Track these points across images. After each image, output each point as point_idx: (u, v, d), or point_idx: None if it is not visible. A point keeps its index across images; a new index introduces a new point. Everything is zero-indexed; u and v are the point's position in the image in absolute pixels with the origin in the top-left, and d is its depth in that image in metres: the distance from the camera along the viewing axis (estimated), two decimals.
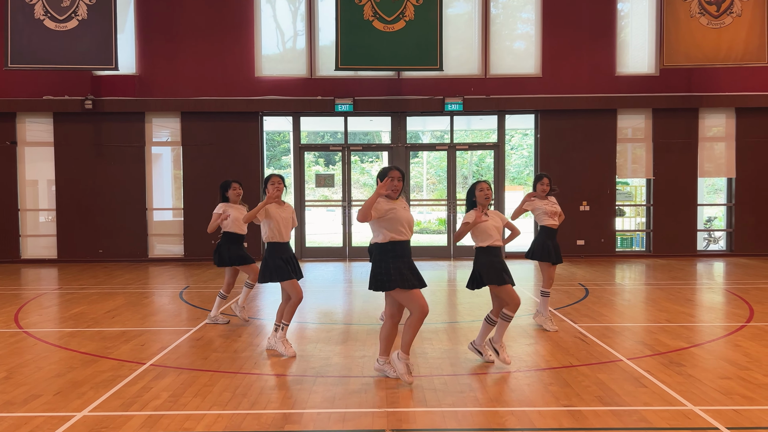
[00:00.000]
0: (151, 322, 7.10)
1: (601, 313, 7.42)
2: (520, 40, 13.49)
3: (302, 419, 4.06)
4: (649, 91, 12.98)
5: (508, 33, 13.46)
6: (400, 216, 4.64)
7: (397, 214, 4.63)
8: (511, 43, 13.46)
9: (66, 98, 12.86)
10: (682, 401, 4.30)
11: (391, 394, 4.52)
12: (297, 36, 13.41)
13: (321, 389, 4.65)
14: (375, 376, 4.98)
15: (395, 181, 4.64)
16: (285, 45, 13.52)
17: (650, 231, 13.33)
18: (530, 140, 27.43)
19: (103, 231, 13.06)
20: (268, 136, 19.87)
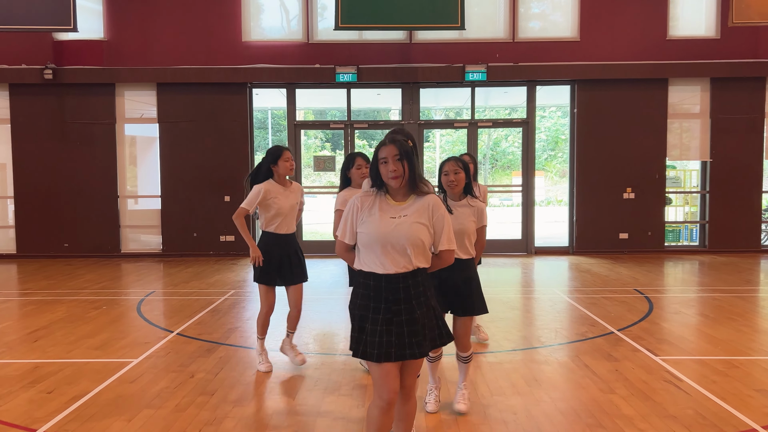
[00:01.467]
0: (81, 350, 5.29)
1: (684, 338, 5.55)
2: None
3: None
4: (708, 57, 10.97)
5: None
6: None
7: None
8: (544, 0, 11.46)
9: (23, 67, 11.03)
10: None
11: None
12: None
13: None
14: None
15: (390, 164, 2.75)
16: (277, 3, 11.59)
17: (705, 222, 11.38)
18: (548, 123, 25.41)
19: (69, 222, 11.29)
20: (273, 119, 18.06)
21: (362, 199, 2.79)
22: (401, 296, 2.71)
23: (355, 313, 2.79)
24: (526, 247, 11.35)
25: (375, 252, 2.71)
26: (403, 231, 2.68)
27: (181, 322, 6.23)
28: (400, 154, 2.71)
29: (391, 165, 2.70)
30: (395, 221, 2.70)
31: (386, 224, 2.70)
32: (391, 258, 2.69)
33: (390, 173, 2.70)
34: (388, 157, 2.71)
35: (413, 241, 2.68)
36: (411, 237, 2.67)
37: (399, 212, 2.73)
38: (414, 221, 2.71)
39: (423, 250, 2.74)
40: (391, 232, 2.68)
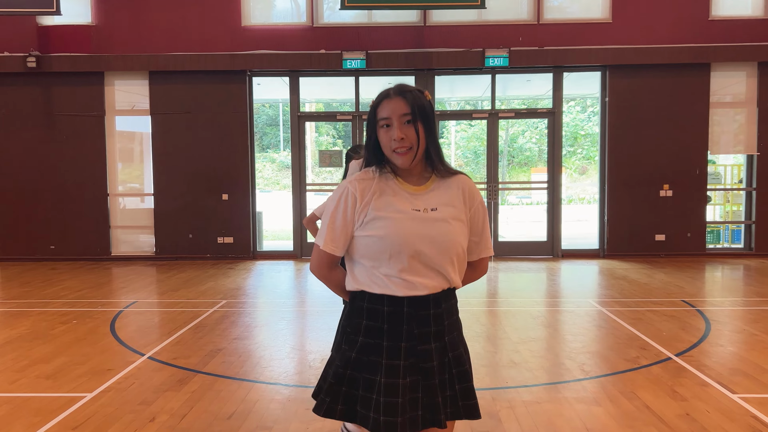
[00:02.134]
0: (30, 380, 4.39)
1: (760, 366, 4.54)
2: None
3: None
4: (755, 39, 9.87)
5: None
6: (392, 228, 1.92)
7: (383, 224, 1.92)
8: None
9: (5, 55, 10.20)
10: None
11: None
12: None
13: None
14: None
15: (395, 130, 1.80)
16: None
17: (752, 223, 10.29)
18: (567, 117, 24.25)
19: (56, 222, 10.45)
20: (283, 109, 17.17)
21: (359, 186, 1.84)
22: (431, 329, 1.81)
23: (351, 357, 1.84)
24: (552, 249, 10.33)
25: (394, 265, 1.78)
26: (442, 230, 1.76)
27: (157, 342, 5.32)
28: (413, 113, 1.75)
29: (397, 131, 1.74)
30: (422, 216, 1.78)
31: (412, 221, 1.77)
32: (421, 272, 1.77)
33: (395, 143, 1.75)
34: (392, 117, 1.75)
35: (455, 247, 1.79)
36: (453, 240, 1.78)
37: (423, 203, 1.80)
38: (449, 216, 1.79)
39: (463, 259, 1.85)
40: (424, 232, 1.76)
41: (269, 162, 27.09)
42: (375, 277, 1.80)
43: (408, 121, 1.78)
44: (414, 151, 1.79)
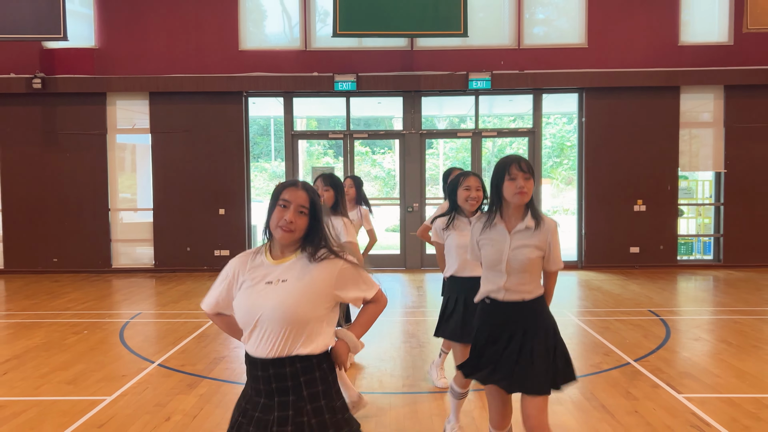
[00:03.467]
0: (52, 386, 4.87)
1: (707, 370, 5.09)
2: (561, 2, 11.09)
3: None
4: (721, 63, 10.53)
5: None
6: (242, 300, 2.17)
7: (240, 298, 2.17)
8: (549, 6, 11.05)
9: (11, 77, 10.67)
10: None
11: None
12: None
13: None
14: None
15: (289, 213, 2.10)
16: (274, 10, 11.22)
17: (720, 236, 10.92)
18: (553, 129, 24.97)
19: (59, 236, 10.90)
20: (275, 126, 17.71)
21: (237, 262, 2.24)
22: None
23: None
24: None
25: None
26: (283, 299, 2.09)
27: (164, 350, 5.81)
28: (310, 207, 2.15)
29: (291, 214, 2.12)
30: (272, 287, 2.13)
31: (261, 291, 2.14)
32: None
33: (284, 222, 2.12)
34: (292, 202, 2.13)
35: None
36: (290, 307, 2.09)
37: (278, 275, 2.15)
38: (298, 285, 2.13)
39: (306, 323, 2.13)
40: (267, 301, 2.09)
41: (260, 171, 27.56)
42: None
43: (301, 212, 2.12)
44: (294, 235, 2.11)
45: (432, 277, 10.30)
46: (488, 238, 2.81)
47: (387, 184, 19.11)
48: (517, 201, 2.72)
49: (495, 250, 2.77)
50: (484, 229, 2.84)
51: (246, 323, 2.10)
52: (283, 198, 2.12)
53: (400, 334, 6.53)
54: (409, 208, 11.07)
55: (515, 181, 2.71)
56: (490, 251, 2.79)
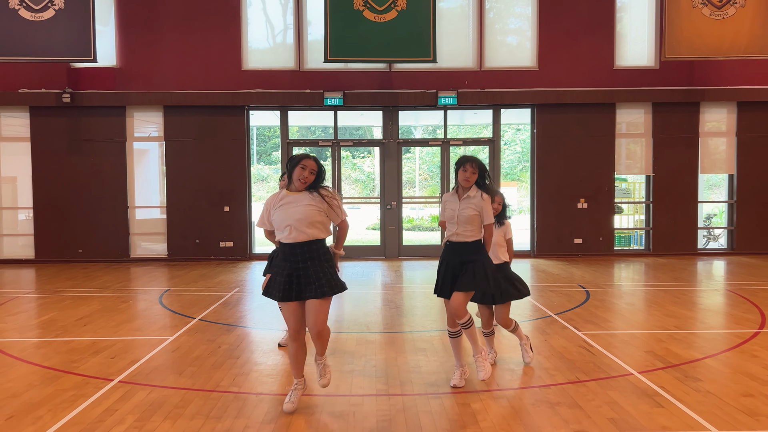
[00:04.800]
0: (125, 331, 6.61)
1: (606, 319, 7.01)
2: (515, 31, 13.04)
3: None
4: (649, 84, 12.57)
5: (503, 24, 13.01)
6: (279, 215, 4.07)
7: (278, 213, 4.08)
8: (506, 34, 13.01)
9: (43, 92, 12.29)
10: (705, 425, 3.88)
11: (382, 417, 4.08)
12: (285, 27, 12.89)
13: (304, 411, 4.20)
14: (363, 394, 4.53)
15: (305, 173, 4.06)
16: (272, 36, 13.00)
17: (649, 229, 12.95)
18: (523, 135, 27.04)
19: (83, 230, 12.52)
20: (258, 131, 19.43)
21: (275, 197, 4.25)
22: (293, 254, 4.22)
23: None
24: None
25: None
26: (303, 211, 4.12)
27: (200, 311, 7.56)
28: (317, 172, 4.12)
29: (307, 173, 4.07)
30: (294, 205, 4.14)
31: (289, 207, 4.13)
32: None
33: (302, 177, 4.07)
34: (307, 167, 4.08)
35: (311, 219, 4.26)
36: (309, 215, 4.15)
37: (295, 199, 4.19)
38: (309, 204, 4.14)
39: (320, 223, 4.15)
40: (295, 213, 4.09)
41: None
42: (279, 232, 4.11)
43: (311, 173, 4.07)
44: (305, 185, 4.05)
45: (408, 264, 12.15)
46: (448, 203, 4.65)
47: (366, 186, 20.91)
48: (464, 184, 4.56)
49: (450, 210, 4.60)
50: (448, 198, 4.67)
51: (282, 227, 4.05)
52: (303, 163, 4.05)
53: (381, 300, 8.37)
54: (389, 206, 12.91)
55: (465, 172, 4.54)
56: (449, 211, 4.62)
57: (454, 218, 4.55)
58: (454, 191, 4.68)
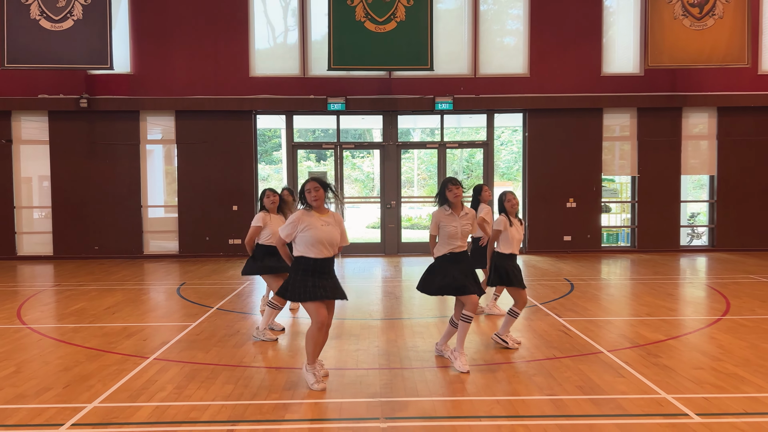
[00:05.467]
0: (151, 318, 7.33)
1: (585, 308, 7.73)
2: (508, 40, 13.76)
3: (301, 409, 4.33)
4: (634, 90, 13.30)
5: (497, 31, 13.73)
6: (314, 234, 4.61)
7: (311, 233, 4.61)
8: (499, 43, 13.73)
9: (61, 97, 12.99)
10: (657, 390, 4.61)
11: (385, 385, 4.79)
12: (290, 36, 13.60)
13: None
14: (368, 368, 5.25)
15: (312, 193, 4.68)
16: (278, 45, 13.71)
17: (635, 227, 13.69)
18: (519, 136, 27.88)
19: (99, 228, 13.23)
20: (259, 132, 20.16)
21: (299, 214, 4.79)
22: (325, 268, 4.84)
23: (296, 277, 4.73)
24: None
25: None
26: (330, 232, 4.71)
27: (217, 301, 8.27)
28: (323, 187, 4.72)
29: (314, 193, 4.69)
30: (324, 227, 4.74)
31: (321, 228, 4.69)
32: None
33: (313, 198, 4.70)
34: (311, 188, 4.69)
35: (335, 239, 4.84)
36: (334, 236, 4.92)
37: (323, 221, 4.93)
38: (333, 225, 4.76)
39: (338, 243, 4.91)
40: (324, 234, 4.87)
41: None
42: (307, 250, 4.68)
43: (316, 189, 4.68)
44: (322, 202, 4.71)
45: (406, 260, 12.88)
46: (448, 220, 5.25)
47: (366, 186, 21.61)
48: (454, 201, 5.24)
49: (453, 227, 5.24)
50: (444, 216, 5.28)
51: (314, 244, 4.65)
52: (307, 188, 4.72)
53: (382, 292, 9.11)
54: (388, 205, 13.63)
55: (452, 191, 5.23)
56: (451, 228, 5.25)
57: (458, 234, 5.19)
58: (449, 211, 5.22)
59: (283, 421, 4.11)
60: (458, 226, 5.18)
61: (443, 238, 5.24)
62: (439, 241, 5.30)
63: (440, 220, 5.25)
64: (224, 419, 4.12)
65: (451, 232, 5.19)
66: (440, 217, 5.25)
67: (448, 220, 5.22)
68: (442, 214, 5.25)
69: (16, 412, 4.29)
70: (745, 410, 4.20)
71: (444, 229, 5.22)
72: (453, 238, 5.20)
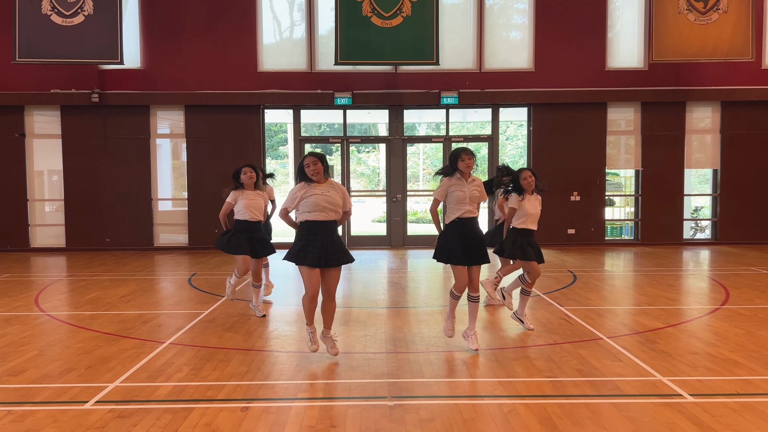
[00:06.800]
0: (165, 306, 7.56)
1: (587, 298, 7.92)
2: (513, 35, 13.90)
3: (312, 389, 4.54)
4: (638, 84, 13.42)
5: (502, 26, 13.87)
6: (314, 200, 4.98)
7: (312, 199, 4.99)
8: (505, 37, 13.87)
9: (73, 92, 13.23)
10: (653, 372, 4.80)
11: (392, 368, 5.00)
12: (297, 31, 13.79)
13: (327, 364, 5.13)
14: (375, 351, 5.47)
15: (311, 167, 5.01)
16: (286, 40, 13.90)
17: (638, 220, 13.84)
18: (524, 130, 28.01)
19: (110, 220, 13.49)
20: (266, 127, 20.41)
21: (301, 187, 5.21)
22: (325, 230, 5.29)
23: (297, 241, 5.14)
24: (490, 241, 13.70)
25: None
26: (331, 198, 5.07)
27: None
28: (322, 162, 5.07)
29: (313, 167, 5.02)
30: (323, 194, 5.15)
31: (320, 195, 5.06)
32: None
33: (313, 173, 5.02)
34: (310, 164, 5.03)
35: (336, 205, 5.08)
36: (335, 202, 5.18)
37: (322, 190, 5.10)
38: (333, 194, 5.10)
39: (339, 209, 5.27)
40: (325, 200, 5.11)
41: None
42: (307, 213, 5.01)
43: (314, 163, 4.99)
44: (321, 174, 5.03)
45: (412, 253, 13.08)
46: (456, 186, 5.42)
47: (372, 180, 21.83)
48: (465, 170, 5.39)
49: (461, 192, 5.43)
50: (453, 182, 5.45)
51: (314, 208, 4.99)
52: (306, 162, 5.06)
53: (388, 282, 9.32)
54: (394, 199, 13.82)
55: (464, 161, 5.38)
56: (459, 193, 5.42)
57: (466, 198, 5.36)
58: (456, 178, 5.40)
59: (295, 399, 4.33)
60: (467, 191, 5.35)
61: (452, 204, 5.41)
62: (449, 208, 5.47)
63: (449, 186, 5.40)
64: (239, 398, 4.34)
65: (460, 196, 5.34)
66: (448, 182, 5.41)
67: (457, 186, 5.37)
68: (450, 180, 5.41)
69: (42, 390, 4.53)
70: (737, 391, 4.39)
71: (452, 194, 5.37)
72: (461, 203, 5.36)
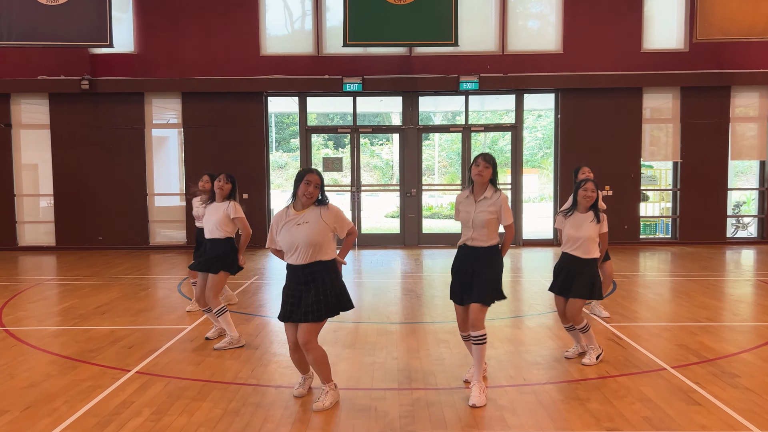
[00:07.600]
0: (143, 320, 6.54)
1: (634, 310, 6.79)
2: (539, 14, 12.70)
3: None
4: (678, 68, 12.17)
5: (526, 6, 12.67)
6: (284, 238, 3.94)
7: (282, 236, 3.95)
8: (529, 17, 12.67)
9: (62, 78, 12.26)
10: (746, 424, 3.68)
11: (405, 411, 3.93)
12: (304, 12, 12.70)
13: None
14: (386, 387, 4.40)
15: (310, 188, 3.91)
16: (291, 22, 12.81)
17: (676, 217, 12.61)
18: (544, 121, 26.61)
19: (103, 217, 12.53)
20: (276, 119, 19.39)
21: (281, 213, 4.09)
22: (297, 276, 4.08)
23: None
24: (515, 239, 12.58)
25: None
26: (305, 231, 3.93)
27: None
28: (320, 185, 3.96)
29: (311, 188, 3.90)
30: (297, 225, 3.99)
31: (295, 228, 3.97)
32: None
33: (308, 192, 3.90)
34: (311, 181, 3.91)
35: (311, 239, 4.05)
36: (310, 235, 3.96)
37: (301, 218, 3.98)
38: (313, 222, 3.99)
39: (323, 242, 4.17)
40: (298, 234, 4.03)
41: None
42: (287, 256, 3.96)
43: (315, 187, 3.90)
44: (312, 201, 3.91)
45: (428, 252, 11.98)
46: (462, 204, 4.37)
47: (385, 174, 20.74)
48: (476, 180, 4.28)
49: (465, 212, 4.34)
50: (461, 199, 4.40)
51: (289, 248, 3.92)
52: (307, 178, 3.90)
53: (401, 289, 8.23)
54: (408, 193, 12.72)
55: (477, 167, 4.29)
56: (463, 214, 4.36)
57: (469, 222, 4.22)
58: (468, 191, 4.31)
59: None
60: (471, 212, 4.20)
61: (461, 226, 4.34)
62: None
63: (457, 203, 4.38)
64: None
65: (463, 218, 4.27)
66: (458, 198, 4.39)
67: (464, 203, 4.30)
68: (461, 196, 4.37)
69: None
70: None
71: (458, 215, 4.35)
72: (465, 227, 4.28)
